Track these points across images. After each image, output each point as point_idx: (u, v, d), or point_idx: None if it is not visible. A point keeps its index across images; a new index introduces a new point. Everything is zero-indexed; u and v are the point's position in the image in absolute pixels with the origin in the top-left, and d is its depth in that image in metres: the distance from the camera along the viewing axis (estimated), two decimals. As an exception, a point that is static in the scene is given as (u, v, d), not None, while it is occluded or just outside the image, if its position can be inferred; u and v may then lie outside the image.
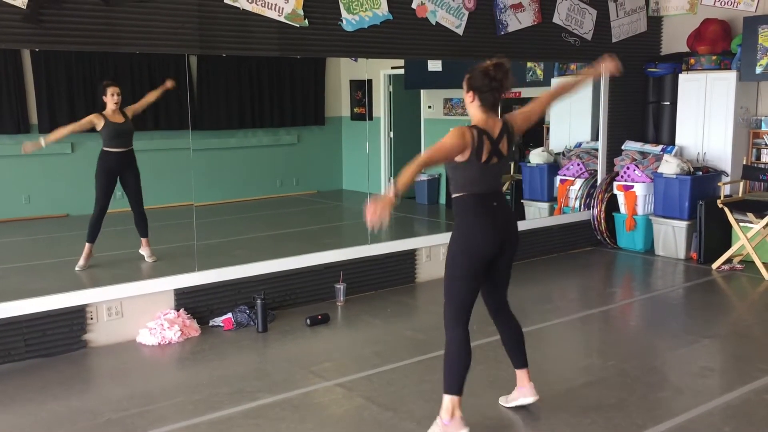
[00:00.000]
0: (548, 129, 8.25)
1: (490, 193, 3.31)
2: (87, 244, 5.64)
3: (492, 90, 3.22)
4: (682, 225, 6.84)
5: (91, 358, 4.51)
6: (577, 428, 3.43)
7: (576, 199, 7.52)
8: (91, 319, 4.63)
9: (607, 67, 3.66)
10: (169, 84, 5.88)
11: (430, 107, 9.28)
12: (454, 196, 3.34)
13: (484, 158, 3.21)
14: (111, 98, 5.76)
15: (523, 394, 3.64)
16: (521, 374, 3.65)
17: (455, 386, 3.28)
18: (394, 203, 2.92)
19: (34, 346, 4.43)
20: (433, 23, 5.93)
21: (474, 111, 3.29)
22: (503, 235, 3.34)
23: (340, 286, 5.53)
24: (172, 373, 4.37)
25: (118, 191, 7.36)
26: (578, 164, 7.59)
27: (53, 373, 4.23)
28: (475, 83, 3.24)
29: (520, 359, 3.64)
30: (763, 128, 7.02)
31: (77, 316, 4.58)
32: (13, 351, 4.36)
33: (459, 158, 3.20)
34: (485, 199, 3.30)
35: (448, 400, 3.28)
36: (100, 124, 5.78)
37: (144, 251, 5.80)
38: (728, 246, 6.65)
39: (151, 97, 6.02)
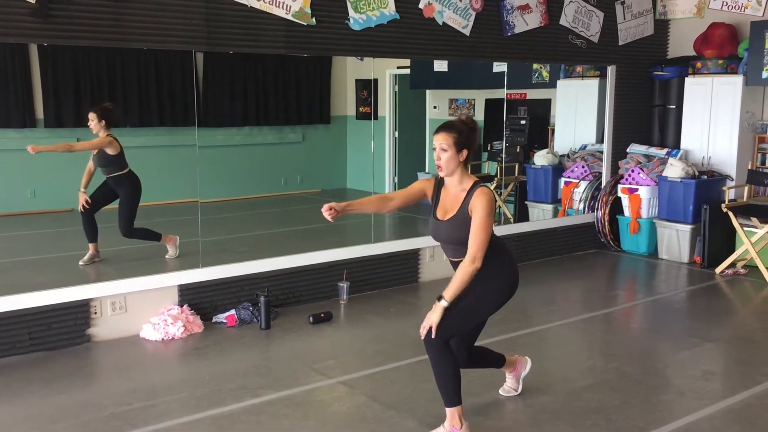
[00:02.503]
0: (553, 131, 8.25)
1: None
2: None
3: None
4: (686, 229, 6.83)
5: (95, 352, 4.53)
6: (579, 430, 3.43)
7: (580, 201, 7.52)
8: (95, 313, 4.65)
9: None
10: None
11: (435, 107, 9.29)
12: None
13: None
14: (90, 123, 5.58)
15: (515, 378, 3.84)
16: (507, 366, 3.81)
17: (456, 397, 3.29)
18: (441, 310, 3.16)
19: (38, 339, 4.45)
20: (440, 23, 5.93)
21: (463, 169, 3.23)
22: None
23: (344, 285, 5.54)
24: (175, 368, 4.38)
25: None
26: (583, 166, 7.59)
27: (57, 367, 4.25)
28: (471, 141, 3.20)
29: (499, 359, 3.76)
30: (769, 133, 7.02)
31: (81, 311, 4.59)
32: (18, 344, 4.38)
33: None
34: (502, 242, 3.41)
35: (454, 411, 3.28)
36: None
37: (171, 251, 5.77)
38: (732, 250, 6.65)
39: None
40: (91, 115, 5.57)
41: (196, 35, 4.80)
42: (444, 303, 3.16)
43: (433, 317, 3.16)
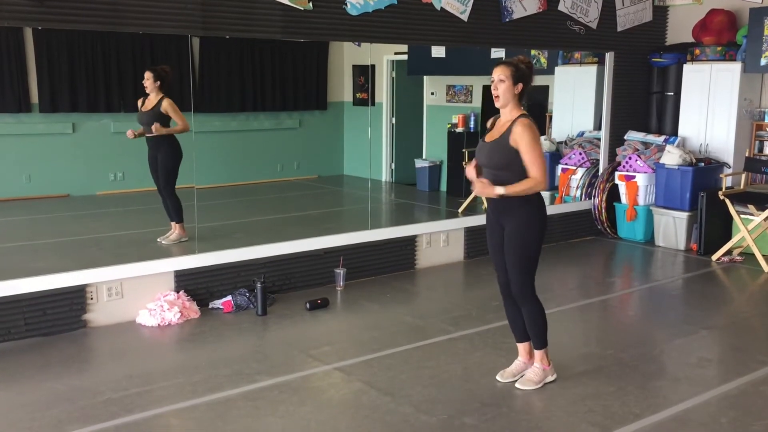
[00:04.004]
0: (551, 118, 8.23)
1: None
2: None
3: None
4: (682, 216, 6.83)
5: (91, 338, 4.52)
6: (575, 416, 3.44)
7: (577, 188, 7.51)
8: (91, 299, 4.64)
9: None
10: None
11: (432, 93, 9.26)
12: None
13: None
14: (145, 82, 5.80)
15: (547, 372, 3.87)
16: (526, 347, 3.91)
17: (545, 340, 3.75)
18: (494, 195, 3.50)
19: (34, 325, 4.44)
20: (438, 9, 5.90)
21: (516, 102, 3.58)
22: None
23: (340, 271, 5.53)
24: (172, 354, 4.38)
25: (119, 172, 7.38)
26: (580, 153, 7.58)
27: (53, 352, 4.24)
28: (527, 78, 3.55)
29: (522, 334, 3.91)
30: (767, 120, 7.00)
31: (77, 296, 4.58)
32: (13, 329, 4.37)
33: None
34: None
35: (543, 353, 3.76)
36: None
37: (172, 236, 5.79)
38: (728, 238, 6.65)
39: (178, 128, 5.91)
40: (147, 74, 5.76)
41: (191, 19, 4.76)
42: (500, 190, 3.47)
43: (485, 190, 3.49)
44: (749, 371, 3.99)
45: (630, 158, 7.14)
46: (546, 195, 7.85)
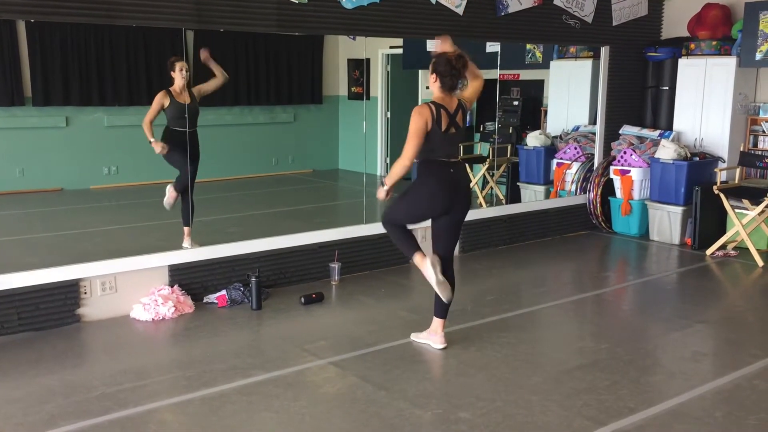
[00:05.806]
0: (546, 112, 8.23)
1: (448, 161, 3.95)
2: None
3: (451, 76, 3.90)
4: (677, 210, 6.84)
5: (85, 332, 4.50)
6: (570, 410, 3.44)
7: (572, 182, 7.51)
8: (85, 293, 4.62)
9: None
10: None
11: (428, 88, 9.22)
12: (418, 160, 3.95)
13: (443, 128, 3.85)
14: (180, 74, 5.48)
15: (432, 339, 4.21)
16: (438, 322, 4.20)
17: (413, 248, 4.02)
18: (388, 193, 4.00)
19: (27, 319, 4.42)
20: (433, 2, 5.87)
21: (435, 90, 3.97)
22: (453, 199, 3.97)
23: (335, 266, 5.53)
24: (166, 348, 4.37)
25: (113, 166, 7.35)
26: (575, 148, 7.57)
27: (46, 347, 4.22)
28: (439, 68, 3.91)
29: (441, 310, 4.19)
30: (762, 115, 7.01)
31: (71, 291, 4.56)
32: (6, 324, 4.35)
33: None
34: (444, 165, 3.94)
35: (417, 257, 4.00)
36: (166, 103, 5.45)
37: (185, 243, 5.34)
38: (723, 232, 6.67)
39: (218, 80, 5.72)
40: (185, 65, 5.49)
41: (186, 13, 4.73)
42: (384, 186, 3.98)
43: (378, 194, 4.01)
44: (744, 365, 4.00)
45: (625, 153, 7.14)
46: (541, 189, 7.89)
